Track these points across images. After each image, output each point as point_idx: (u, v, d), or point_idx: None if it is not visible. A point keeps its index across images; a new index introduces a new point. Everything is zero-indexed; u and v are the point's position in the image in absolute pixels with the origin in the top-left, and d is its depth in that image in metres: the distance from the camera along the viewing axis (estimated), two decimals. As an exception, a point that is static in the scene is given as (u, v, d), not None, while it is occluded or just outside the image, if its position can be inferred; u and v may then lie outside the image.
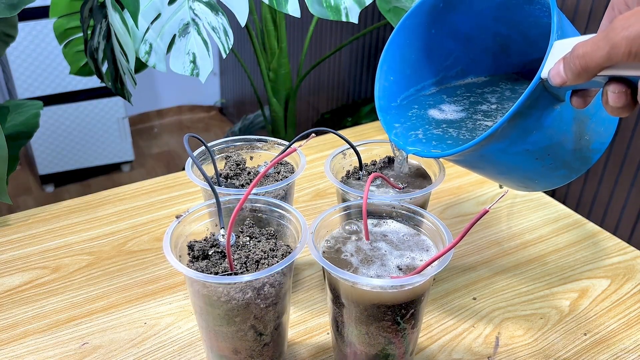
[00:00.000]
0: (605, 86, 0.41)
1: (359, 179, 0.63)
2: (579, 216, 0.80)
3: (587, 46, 0.40)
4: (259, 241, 0.51)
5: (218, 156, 0.65)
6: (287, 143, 0.64)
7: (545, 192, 1.48)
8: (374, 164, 0.65)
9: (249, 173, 0.62)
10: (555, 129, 0.51)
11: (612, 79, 0.41)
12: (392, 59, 0.61)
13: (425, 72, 0.64)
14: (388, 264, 0.49)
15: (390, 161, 0.66)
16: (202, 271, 0.47)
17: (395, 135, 0.59)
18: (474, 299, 0.65)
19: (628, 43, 0.37)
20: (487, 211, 0.41)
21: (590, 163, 0.57)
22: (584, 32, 0.90)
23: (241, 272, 0.47)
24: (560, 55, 0.44)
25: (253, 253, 0.49)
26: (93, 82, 2.12)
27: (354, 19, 0.91)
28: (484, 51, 0.64)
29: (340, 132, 0.99)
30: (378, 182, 0.62)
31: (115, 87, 1.01)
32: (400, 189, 0.60)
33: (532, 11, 0.56)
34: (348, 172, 0.64)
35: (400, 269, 0.48)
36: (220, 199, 0.51)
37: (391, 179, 0.61)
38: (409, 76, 0.63)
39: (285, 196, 0.61)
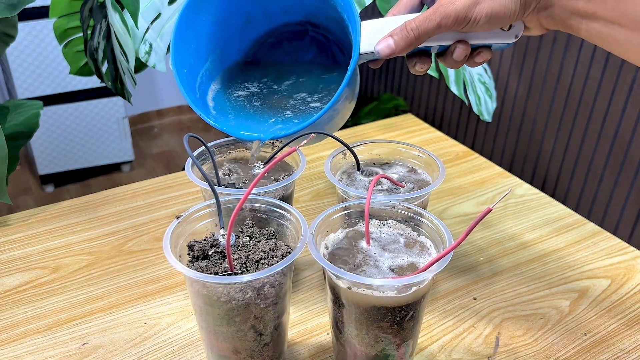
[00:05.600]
0: (454, 44, 0.52)
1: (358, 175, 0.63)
2: (579, 216, 0.80)
3: (419, 20, 0.50)
4: (259, 241, 0.51)
5: (218, 156, 0.65)
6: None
7: (545, 192, 1.48)
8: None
9: (248, 173, 0.62)
10: (355, 85, 0.59)
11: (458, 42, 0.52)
12: (178, 52, 0.63)
13: (202, 60, 0.66)
14: (388, 265, 0.49)
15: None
16: (202, 271, 0.47)
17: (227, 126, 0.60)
18: (474, 299, 0.65)
19: (456, 13, 0.49)
20: (491, 210, 0.41)
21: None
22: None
23: (241, 272, 0.47)
24: (379, 33, 0.53)
25: (253, 253, 0.49)
26: (93, 82, 2.12)
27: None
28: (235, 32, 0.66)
29: (340, 132, 0.99)
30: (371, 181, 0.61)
31: (115, 87, 1.01)
32: (403, 187, 0.60)
33: None
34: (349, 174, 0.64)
35: (393, 270, 0.48)
36: (220, 199, 0.51)
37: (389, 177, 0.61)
38: (193, 65, 0.65)
39: (285, 196, 0.61)
